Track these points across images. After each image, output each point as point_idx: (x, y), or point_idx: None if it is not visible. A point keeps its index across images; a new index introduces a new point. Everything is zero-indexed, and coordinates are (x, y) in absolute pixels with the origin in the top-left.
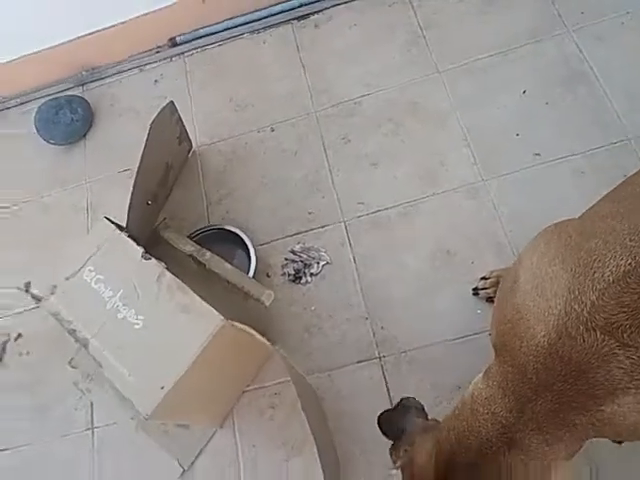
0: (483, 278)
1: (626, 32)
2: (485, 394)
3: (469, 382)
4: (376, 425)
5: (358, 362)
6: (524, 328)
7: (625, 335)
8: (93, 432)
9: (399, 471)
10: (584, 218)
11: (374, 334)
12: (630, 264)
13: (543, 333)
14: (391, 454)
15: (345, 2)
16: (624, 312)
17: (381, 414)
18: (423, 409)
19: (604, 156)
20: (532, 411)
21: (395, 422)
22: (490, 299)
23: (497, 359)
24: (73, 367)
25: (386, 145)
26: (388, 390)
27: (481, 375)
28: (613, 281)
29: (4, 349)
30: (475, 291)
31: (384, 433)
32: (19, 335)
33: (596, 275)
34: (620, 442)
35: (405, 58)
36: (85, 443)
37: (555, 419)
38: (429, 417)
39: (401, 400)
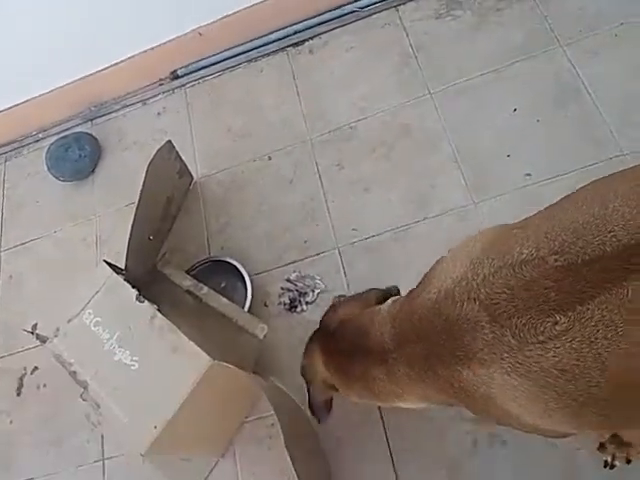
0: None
1: (619, 44)
2: (384, 315)
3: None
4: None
5: None
6: (428, 281)
7: (497, 313)
8: (104, 463)
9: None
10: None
11: None
12: (531, 254)
13: (435, 290)
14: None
15: (338, 26)
16: (506, 293)
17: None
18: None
19: (598, 173)
20: (409, 349)
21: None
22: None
23: (407, 294)
24: (84, 400)
25: (379, 170)
26: (383, 419)
27: (397, 297)
28: (509, 264)
29: (22, 383)
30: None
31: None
32: (35, 368)
33: (499, 255)
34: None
35: (397, 80)
36: (97, 474)
37: (424, 363)
38: None
39: None
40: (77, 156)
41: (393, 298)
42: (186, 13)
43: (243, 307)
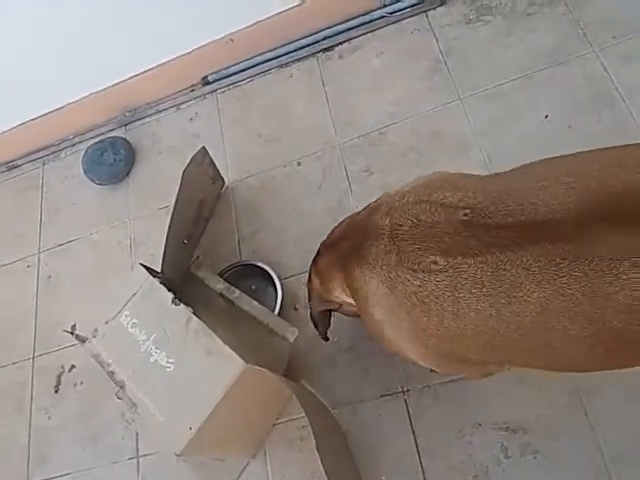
0: None
1: None
2: (345, 221)
3: (490, 419)
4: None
5: (382, 396)
6: (381, 196)
7: (397, 233)
8: (138, 461)
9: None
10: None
11: (397, 368)
12: (451, 202)
13: (376, 202)
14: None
15: (368, 32)
16: (412, 222)
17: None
18: None
19: None
20: (341, 244)
21: None
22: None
23: None
24: (119, 398)
25: (408, 175)
26: (411, 423)
27: None
28: (430, 201)
29: (59, 380)
30: None
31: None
32: (72, 367)
33: (429, 192)
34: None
35: (427, 85)
36: (132, 471)
37: (344, 256)
38: None
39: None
40: (112, 160)
41: None
42: (218, 20)
43: (273, 310)
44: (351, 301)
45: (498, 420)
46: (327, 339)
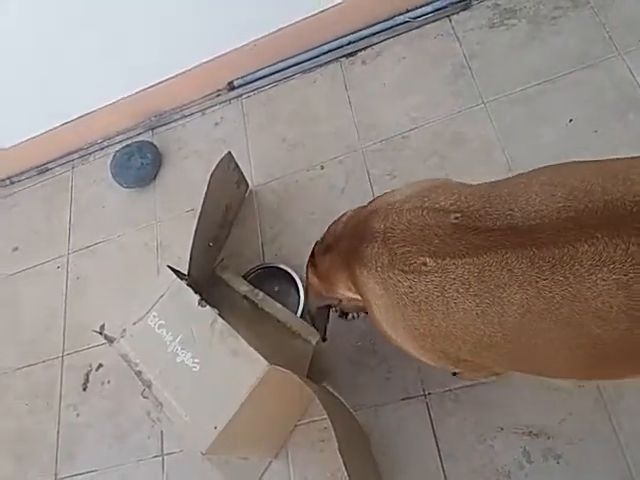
0: None
1: None
2: (342, 221)
3: (512, 423)
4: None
5: (403, 399)
6: (377, 198)
7: (389, 236)
8: (163, 459)
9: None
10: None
11: (419, 371)
12: (443, 207)
13: (374, 205)
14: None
15: (391, 37)
16: (405, 226)
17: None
18: None
19: None
20: (342, 243)
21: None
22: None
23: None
24: (145, 397)
25: None
26: (433, 426)
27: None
28: (423, 207)
29: (87, 378)
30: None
31: None
32: (100, 365)
33: (424, 198)
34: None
35: (450, 90)
36: (157, 468)
37: (345, 255)
38: None
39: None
40: (139, 164)
41: None
42: (243, 26)
43: (296, 313)
44: (356, 297)
45: (520, 424)
46: (325, 339)
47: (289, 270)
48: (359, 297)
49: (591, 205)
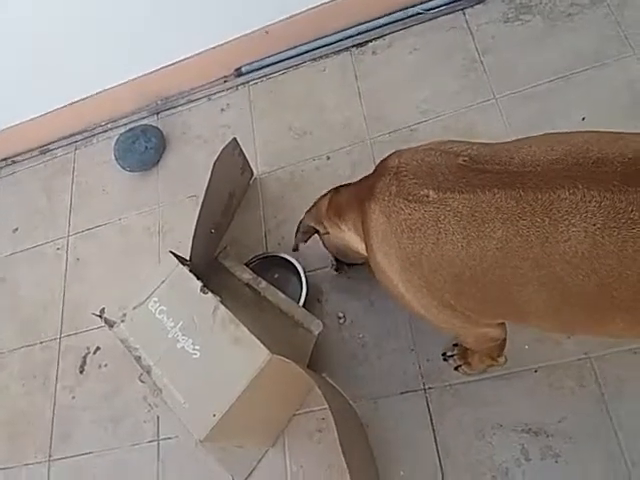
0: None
1: None
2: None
3: (512, 420)
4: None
5: (402, 393)
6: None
7: (401, 171)
8: (159, 443)
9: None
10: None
11: (420, 366)
12: (455, 151)
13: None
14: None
15: (403, 28)
16: (417, 163)
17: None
18: None
19: None
20: (358, 181)
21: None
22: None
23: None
24: (142, 382)
25: None
26: (432, 421)
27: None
28: (437, 150)
29: (85, 361)
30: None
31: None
32: (97, 348)
33: (442, 146)
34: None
35: (462, 84)
36: (151, 453)
37: (357, 192)
38: None
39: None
40: (143, 148)
41: None
42: (254, 12)
43: (298, 302)
44: (352, 237)
45: (520, 422)
46: (296, 249)
47: (292, 260)
48: (357, 241)
49: (582, 160)
